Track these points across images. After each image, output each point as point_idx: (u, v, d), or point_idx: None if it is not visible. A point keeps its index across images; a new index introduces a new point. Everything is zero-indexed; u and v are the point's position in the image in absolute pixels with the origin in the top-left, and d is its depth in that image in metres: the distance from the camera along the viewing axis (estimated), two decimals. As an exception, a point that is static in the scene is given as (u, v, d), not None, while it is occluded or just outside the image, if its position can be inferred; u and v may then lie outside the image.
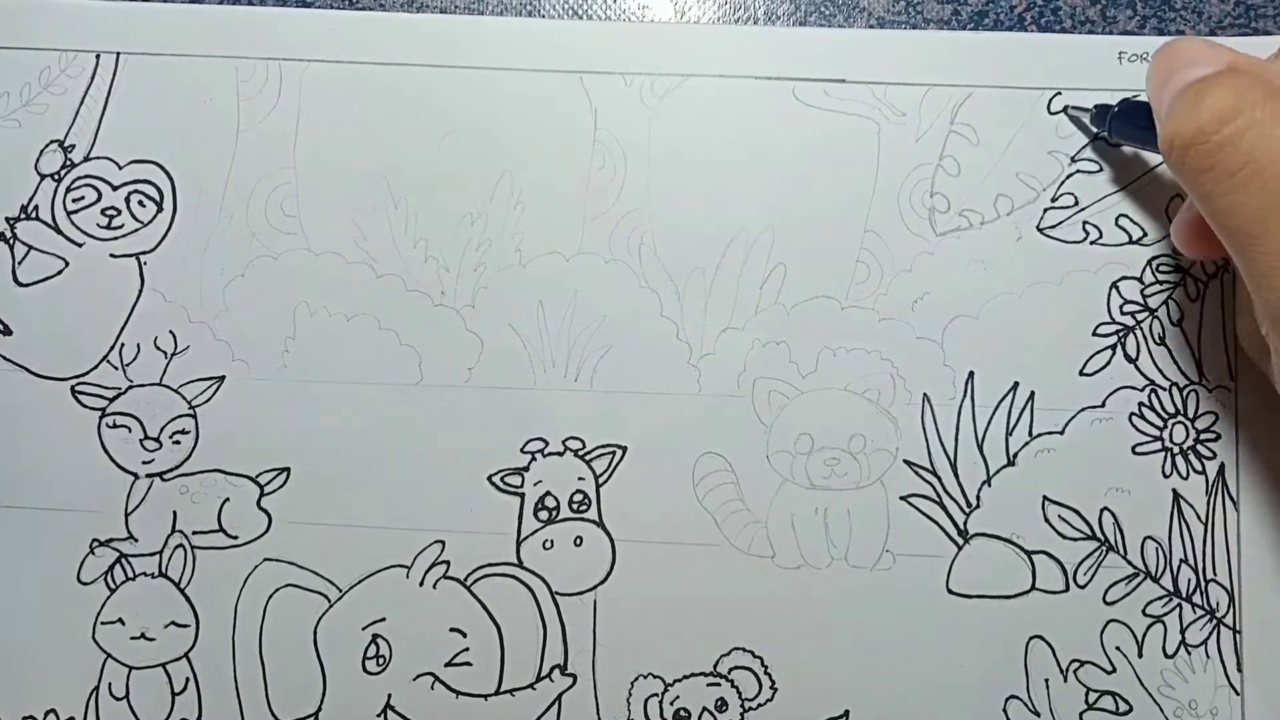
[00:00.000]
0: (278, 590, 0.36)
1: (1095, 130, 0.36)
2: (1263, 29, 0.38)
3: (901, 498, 0.36)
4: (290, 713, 0.35)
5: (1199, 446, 0.35)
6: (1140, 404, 0.36)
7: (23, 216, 0.37)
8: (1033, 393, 0.36)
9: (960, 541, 0.35)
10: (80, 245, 0.37)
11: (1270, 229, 0.26)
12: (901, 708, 0.35)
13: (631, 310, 0.36)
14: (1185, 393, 0.36)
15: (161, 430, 0.36)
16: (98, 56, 0.38)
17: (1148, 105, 0.32)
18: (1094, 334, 0.36)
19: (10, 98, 0.38)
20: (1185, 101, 0.28)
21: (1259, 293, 0.27)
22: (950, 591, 0.35)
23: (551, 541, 0.36)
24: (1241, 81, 0.27)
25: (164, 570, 0.36)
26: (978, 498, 0.36)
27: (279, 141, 0.37)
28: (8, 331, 0.37)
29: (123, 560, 0.36)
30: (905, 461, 0.36)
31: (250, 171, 0.37)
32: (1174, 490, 0.35)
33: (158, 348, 0.37)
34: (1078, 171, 0.37)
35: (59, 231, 0.37)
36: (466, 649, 0.35)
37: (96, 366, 0.37)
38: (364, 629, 0.35)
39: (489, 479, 0.36)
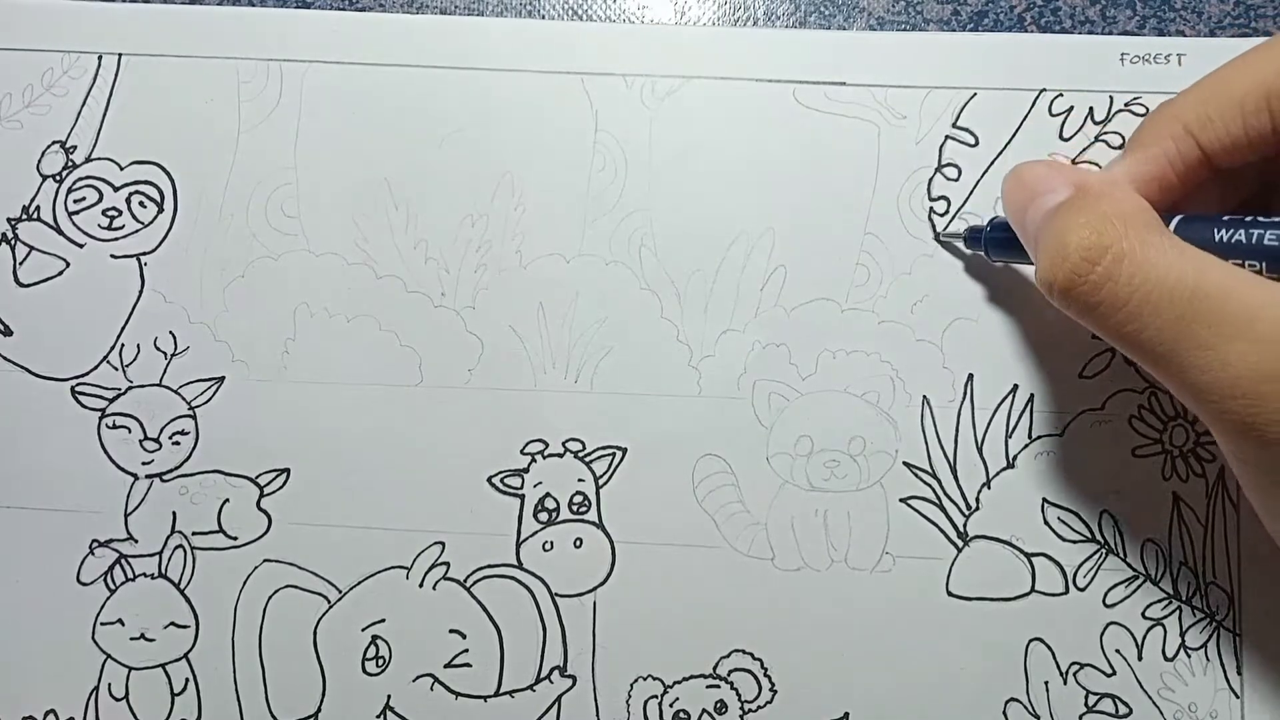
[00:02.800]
0: (277, 591, 0.36)
1: (969, 252, 0.36)
2: (1263, 29, 0.38)
3: (901, 500, 0.36)
4: (290, 713, 0.35)
5: (1199, 449, 0.35)
6: (1140, 406, 0.36)
7: (24, 217, 0.37)
8: (1032, 395, 0.36)
9: (960, 544, 0.35)
10: (81, 246, 0.37)
11: (1178, 348, 0.26)
12: (901, 710, 0.35)
13: (632, 312, 0.36)
14: (1185, 395, 0.36)
15: (161, 431, 0.36)
16: (99, 58, 0.38)
17: None
18: (1093, 336, 0.36)
19: (12, 99, 0.38)
20: (1050, 245, 0.28)
21: (1191, 402, 0.27)
22: (950, 594, 0.35)
23: (551, 543, 0.36)
24: (1096, 212, 0.27)
25: (164, 571, 0.36)
26: (977, 500, 0.36)
27: (280, 143, 0.37)
28: (8, 332, 0.37)
29: (122, 561, 0.36)
30: (905, 464, 0.36)
31: (251, 173, 0.37)
32: (1174, 493, 0.35)
33: (158, 348, 0.37)
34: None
35: (60, 232, 0.37)
36: (466, 650, 0.35)
37: (97, 367, 0.37)
38: (364, 630, 0.35)
39: (489, 480, 0.36)
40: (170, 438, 0.36)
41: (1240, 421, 0.26)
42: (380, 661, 0.35)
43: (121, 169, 0.38)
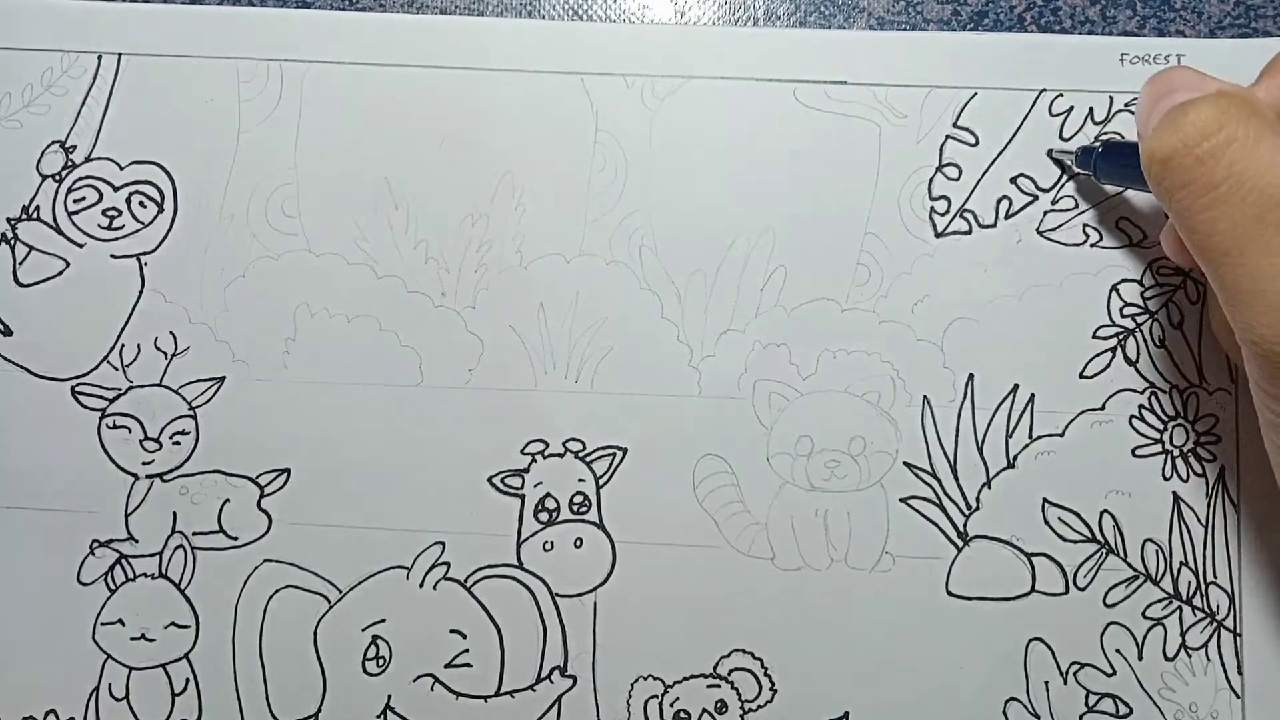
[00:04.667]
0: (278, 591, 0.36)
1: (1079, 171, 0.36)
2: (1262, 29, 0.38)
3: (901, 500, 0.36)
4: (290, 713, 0.35)
5: (1199, 449, 0.35)
6: (1140, 406, 0.36)
7: (24, 217, 0.37)
8: (1033, 395, 0.36)
9: (960, 543, 0.35)
10: (81, 246, 0.37)
11: (1247, 246, 0.26)
12: (901, 710, 0.35)
13: (632, 312, 0.36)
14: (1185, 395, 0.36)
15: (162, 431, 0.36)
16: (99, 58, 0.38)
17: (1132, 144, 0.32)
18: (1094, 336, 0.36)
19: (12, 98, 0.38)
20: (1169, 119, 0.28)
21: (1234, 312, 0.27)
22: (950, 593, 0.35)
23: (552, 543, 0.36)
24: (1225, 100, 0.27)
25: (164, 571, 0.36)
26: (977, 500, 0.36)
27: (280, 142, 0.37)
28: (8, 332, 0.37)
29: (123, 561, 0.36)
30: (905, 464, 0.36)
31: (251, 172, 0.37)
32: (1174, 493, 0.35)
33: (158, 348, 0.37)
34: (1079, 174, 0.37)
35: (60, 232, 0.37)
36: (466, 650, 0.35)
37: (97, 367, 0.37)
38: (364, 630, 0.35)
39: (489, 480, 0.36)
40: (170, 438, 0.36)
41: (1275, 340, 0.26)
42: (380, 661, 0.35)
43: (121, 169, 0.37)
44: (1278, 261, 0.26)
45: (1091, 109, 0.37)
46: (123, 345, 0.37)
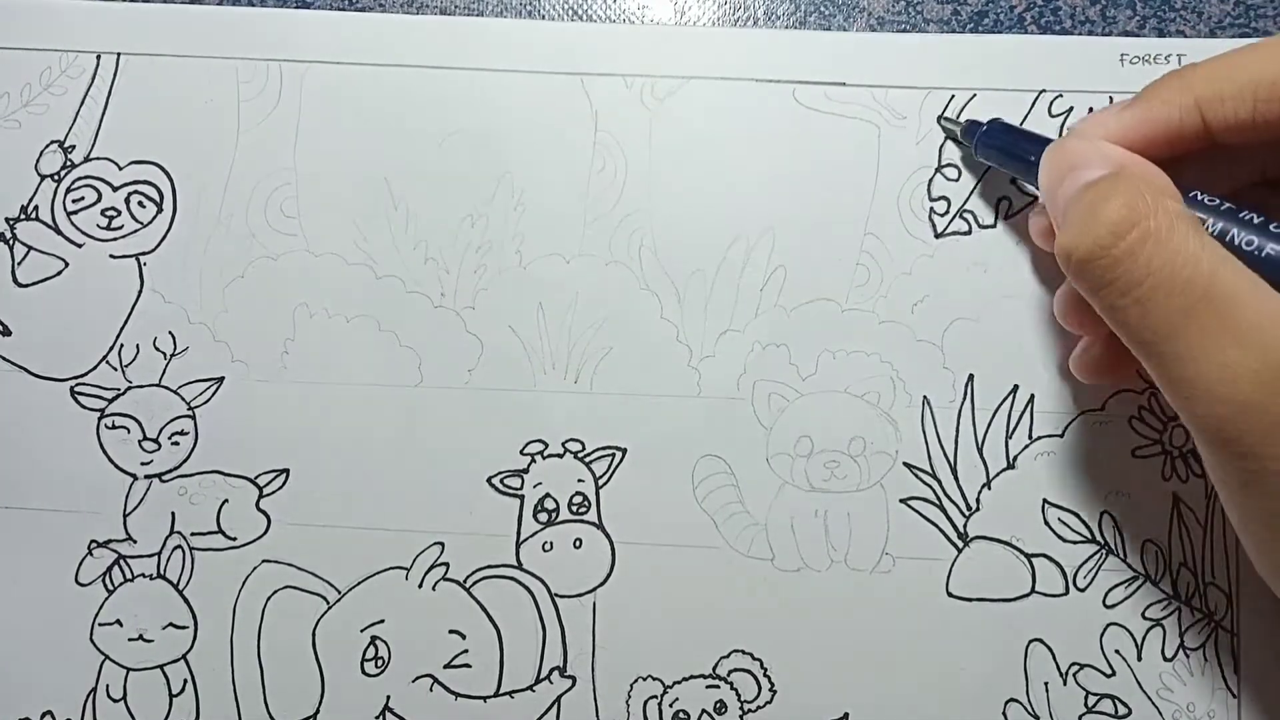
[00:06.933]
0: (276, 592, 0.36)
1: (962, 142, 0.36)
2: (1263, 29, 0.38)
3: (901, 500, 0.36)
4: (289, 715, 0.35)
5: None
6: (1140, 407, 0.36)
7: (23, 217, 0.37)
8: (1032, 395, 0.36)
9: (960, 544, 0.35)
10: (80, 246, 0.37)
11: (1178, 336, 0.26)
12: (901, 711, 0.35)
13: (631, 312, 0.36)
14: (1185, 396, 0.36)
15: (160, 431, 0.36)
16: (98, 57, 0.38)
17: (1014, 129, 0.34)
18: (1094, 337, 0.36)
19: (10, 98, 0.38)
20: (1080, 213, 0.27)
21: (1176, 399, 0.27)
22: (950, 594, 0.35)
23: (551, 543, 0.36)
24: (1133, 189, 0.27)
25: (162, 572, 0.36)
26: (977, 500, 0.36)
27: (279, 143, 0.37)
28: (7, 332, 0.37)
29: (121, 561, 0.36)
30: (905, 464, 0.36)
31: (250, 172, 0.37)
32: (1173, 494, 0.35)
33: (157, 349, 0.37)
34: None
35: (59, 232, 0.37)
36: (466, 651, 0.35)
37: (96, 367, 0.37)
38: (363, 631, 0.35)
39: (489, 481, 0.36)
40: (169, 438, 0.36)
41: (1220, 429, 0.26)
42: (380, 662, 0.35)
43: (120, 169, 0.37)
44: (1211, 350, 0.25)
45: (1091, 109, 0.37)
46: (122, 345, 0.37)
